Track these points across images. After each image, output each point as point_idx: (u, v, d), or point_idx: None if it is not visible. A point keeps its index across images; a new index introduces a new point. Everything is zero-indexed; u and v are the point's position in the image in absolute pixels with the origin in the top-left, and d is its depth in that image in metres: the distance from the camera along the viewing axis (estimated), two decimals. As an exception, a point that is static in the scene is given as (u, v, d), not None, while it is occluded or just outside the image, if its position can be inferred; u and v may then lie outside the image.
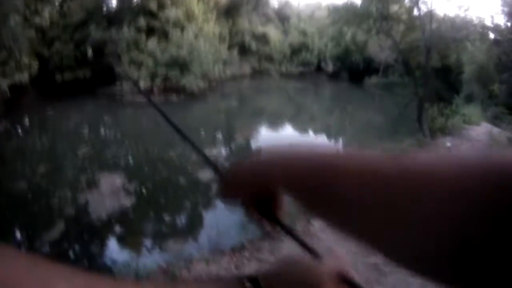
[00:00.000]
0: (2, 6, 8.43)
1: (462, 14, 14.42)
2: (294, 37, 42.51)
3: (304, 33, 42.71)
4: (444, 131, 14.14)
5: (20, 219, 8.70)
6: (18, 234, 8.27)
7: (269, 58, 40.94)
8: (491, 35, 18.02)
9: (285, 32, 43.35)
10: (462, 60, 20.88)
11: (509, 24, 17.84)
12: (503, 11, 17.51)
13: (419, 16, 13.81)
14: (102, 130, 18.17)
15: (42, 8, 15.94)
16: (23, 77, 21.96)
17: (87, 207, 8.41)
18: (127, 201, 8.59)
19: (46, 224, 8.01)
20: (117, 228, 7.83)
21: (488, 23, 14.69)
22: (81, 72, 26.42)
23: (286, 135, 17.14)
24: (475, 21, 14.38)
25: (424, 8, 13.60)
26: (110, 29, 25.94)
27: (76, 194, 9.16)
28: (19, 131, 19.26)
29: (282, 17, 44.73)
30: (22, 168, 12.26)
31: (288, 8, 47.15)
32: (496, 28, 17.37)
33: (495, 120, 16.81)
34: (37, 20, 20.61)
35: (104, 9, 28.60)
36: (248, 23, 39.14)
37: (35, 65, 23.77)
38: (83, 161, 12.16)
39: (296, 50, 42.15)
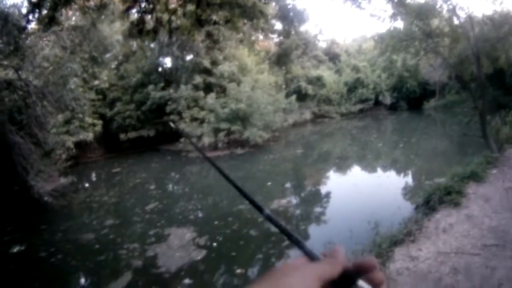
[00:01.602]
0: (61, 70, 9.43)
1: (498, 9, 13.23)
2: (348, 75, 42.00)
3: (356, 68, 42.15)
4: (511, 140, 12.92)
5: (87, 267, 9.10)
6: (83, 281, 8.61)
7: (327, 100, 40.68)
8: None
9: (338, 71, 43.16)
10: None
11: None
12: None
13: (460, 24, 12.91)
14: (169, 186, 18.79)
15: (99, 71, 17.47)
16: (88, 135, 24.33)
17: (156, 260, 8.47)
18: (197, 255, 8.52)
19: (113, 274, 8.24)
20: (187, 281, 7.70)
21: (526, 6, 13.36)
22: (144, 131, 28.39)
23: (355, 176, 16.56)
24: None
25: (462, 15, 12.71)
26: (168, 89, 27.80)
27: (145, 247, 9.33)
28: (86, 185, 20.69)
29: (332, 57, 44.85)
30: (89, 221, 12.98)
31: (335, 46, 47.22)
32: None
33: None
34: (96, 82, 22.37)
35: (160, 69, 30.75)
36: (301, 68, 39.84)
37: (99, 124, 26.21)
38: (151, 216, 12.49)
39: (352, 88, 41.47)
